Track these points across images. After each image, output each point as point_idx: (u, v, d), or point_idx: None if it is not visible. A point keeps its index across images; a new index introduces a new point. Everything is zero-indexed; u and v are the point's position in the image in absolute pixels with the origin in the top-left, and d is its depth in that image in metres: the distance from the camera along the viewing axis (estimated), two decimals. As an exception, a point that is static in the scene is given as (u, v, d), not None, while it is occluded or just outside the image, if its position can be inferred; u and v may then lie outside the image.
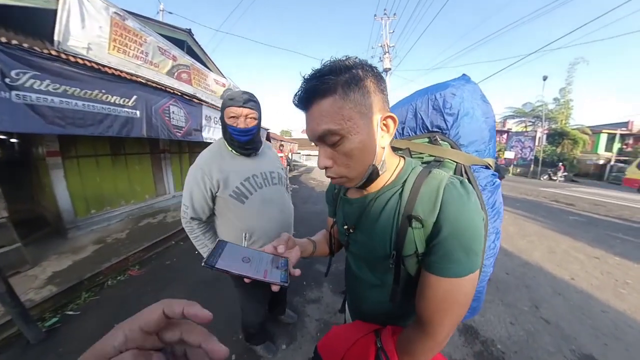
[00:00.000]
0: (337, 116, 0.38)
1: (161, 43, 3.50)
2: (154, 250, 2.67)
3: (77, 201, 2.91)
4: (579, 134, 14.98)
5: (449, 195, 0.39)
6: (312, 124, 0.40)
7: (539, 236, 3.55)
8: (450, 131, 0.58)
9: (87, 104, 2.19)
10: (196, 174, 0.91)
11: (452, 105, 0.58)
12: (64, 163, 2.75)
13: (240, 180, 0.95)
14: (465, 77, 0.64)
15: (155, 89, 2.93)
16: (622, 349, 1.49)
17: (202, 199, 0.93)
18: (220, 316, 1.63)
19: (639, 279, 2.39)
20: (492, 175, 0.61)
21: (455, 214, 0.38)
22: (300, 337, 1.51)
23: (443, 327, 0.40)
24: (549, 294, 2.08)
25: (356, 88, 0.38)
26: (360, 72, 0.38)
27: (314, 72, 0.39)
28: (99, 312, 1.73)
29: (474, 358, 1.38)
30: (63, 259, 2.27)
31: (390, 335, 0.48)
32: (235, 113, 0.88)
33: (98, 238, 2.81)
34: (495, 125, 0.65)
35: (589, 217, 4.84)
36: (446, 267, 0.38)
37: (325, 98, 0.38)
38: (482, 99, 0.62)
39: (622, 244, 3.32)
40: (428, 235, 0.40)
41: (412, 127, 0.65)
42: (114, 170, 3.43)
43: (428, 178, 0.42)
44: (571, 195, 7.57)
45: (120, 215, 3.46)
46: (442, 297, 0.39)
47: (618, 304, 1.97)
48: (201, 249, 1.00)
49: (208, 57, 5.97)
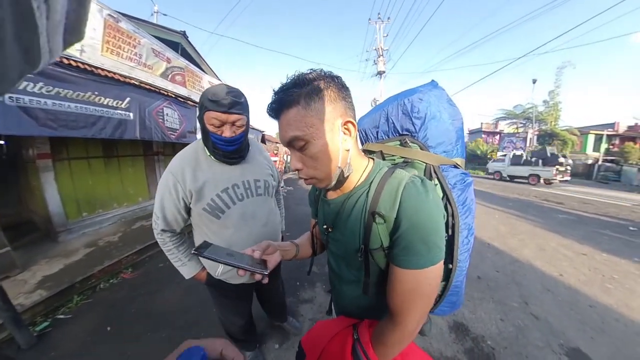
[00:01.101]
0: (301, 124, 0.42)
1: (155, 45, 3.50)
2: (147, 252, 2.65)
3: (69, 204, 2.87)
4: (568, 135, 15.44)
5: (407, 192, 0.42)
6: (281, 131, 0.45)
7: (530, 234, 3.63)
8: (418, 134, 0.63)
9: (80, 106, 2.17)
10: (168, 181, 0.80)
11: (419, 110, 0.62)
12: (55, 165, 2.71)
13: (217, 192, 0.82)
14: (433, 83, 0.69)
15: (149, 91, 2.92)
16: (608, 342, 1.54)
17: (174, 209, 0.81)
18: (214, 318, 1.63)
19: (625, 275, 2.46)
20: (463, 174, 0.64)
21: (413, 209, 0.41)
22: (293, 337, 1.51)
23: (411, 317, 0.43)
24: (539, 291, 2.13)
25: (317, 98, 0.42)
26: (322, 83, 0.42)
27: (281, 86, 0.44)
28: (91, 315, 1.71)
29: (464, 354, 1.41)
30: (54, 263, 2.23)
31: (367, 327, 0.50)
32: (220, 119, 0.73)
33: (90, 241, 2.77)
34: (463, 127, 0.70)
35: (578, 215, 4.96)
36: (407, 260, 0.41)
37: (291, 108, 0.42)
38: (449, 102, 0.66)
39: (609, 241, 3.42)
40: (390, 230, 0.44)
41: (385, 131, 0.69)
42: (107, 172, 3.39)
43: (391, 178, 0.46)
44: (561, 194, 7.76)
45: (113, 218, 3.41)
46: (408, 289, 0.42)
47: (605, 299, 2.02)
48: (175, 263, 0.90)
49: (202, 59, 5.97)
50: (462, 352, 1.42)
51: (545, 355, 1.42)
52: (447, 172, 0.62)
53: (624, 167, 13.69)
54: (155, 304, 1.83)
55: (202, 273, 0.95)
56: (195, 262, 0.93)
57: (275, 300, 1.37)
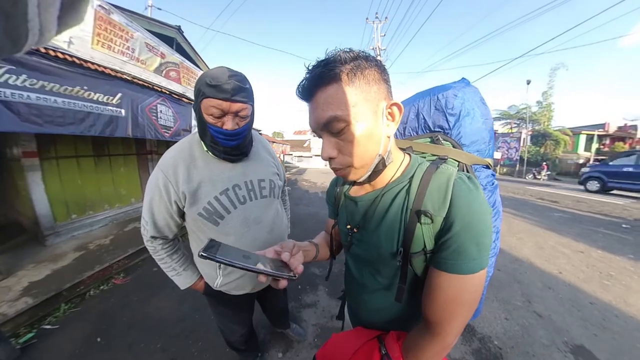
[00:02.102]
0: (343, 102, 0.37)
1: (149, 39, 3.38)
2: (140, 256, 2.54)
3: (57, 205, 2.74)
4: (561, 135, 15.81)
5: (458, 189, 0.38)
6: (317, 111, 0.39)
7: (528, 233, 3.67)
8: (452, 131, 0.60)
9: (68, 101, 2.06)
10: (157, 180, 0.69)
11: (454, 106, 0.59)
12: (42, 164, 2.58)
13: (215, 194, 0.71)
14: (465, 80, 0.66)
15: (142, 86, 2.81)
16: (610, 338, 1.55)
17: (165, 214, 0.71)
18: (212, 326, 1.56)
19: (620, 271, 2.50)
20: (492, 176, 0.62)
21: (466, 208, 0.37)
22: (297, 344, 1.46)
23: (453, 328, 0.38)
24: (540, 289, 2.13)
25: (361, 76, 0.37)
26: (364, 61, 0.38)
27: (319, 60, 0.38)
28: (79, 325, 1.60)
29: (472, 356, 1.38)
30: (40, 268, 2.12)
31: (395, 340, 0.46)
32: (221, 108, 0.61)
33: (79, 245, 2.65)
34: (493, 127, 0.67)
35: (573, 214, 5.05)
36: (458, 264, 0.36)
37: (331, 85, 0.37)
38: (482, 101, 0.64)
39: (604, 238, 3.48)
40: (437, 231, 0.39)
41: (414, 128, 0.65)
42: (97, 172, 3.25)
43: (436, 173, 0.41)
44: (555, 193, 7.91)
45: (104, 220, 3.29)
46: (453, 296, 0.37)
47: (604, 295, 2.04)
48: (169, 273, 0.80)
49: (198, 56, 5.84)
50: (469, 354, 1.40)
51: (551, 354, 1.42)
52: (479, 173, 0.59)
53: (614, 166, 14.15)
54: (149, 311, 1.74)
55: (199, 283, 0.86)
56: (192, 270, 0.85)
57: (279, 306, 1.28)
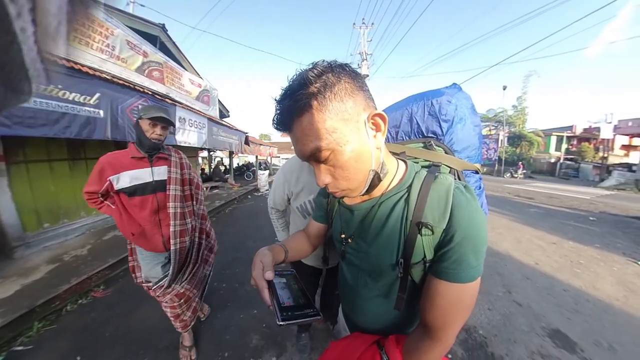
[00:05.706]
0: (321, 132, 0.35)
1: (130, 37, 3.25)
2: (121, 266, 2.39)
3: (26, 214, 2.53)
4: (534, 137, 17.11)
5: (458, 200, 0.39)
6: (298, 145, 0.38)
7: (507, 228, 3.89)
8: (445, 137, 0.61)
9: (39, 101, 1.92)
10: (280, 177, 1.02)
11: (447, 112, 0.60)
12: (9, 169, 2.39)
13: (310, 198, 0.96)
14: (456, 86, 0.68)
15: (122, 86, 2.69)
16: (582, 321, 1.69)
17: (280, 197, 1.05)
18: (203, 336, 1.51)
19: (589, 259, 2.72)
20: (480, 180, 0.66)
21: (466, 220, 0.37)
22: (291, 347, 1.43)
23: (452, 332, 0.40)
24: (519, 279, 2.27)
25: (332, 95, 0.34)
26: (331, 76, 0.35)
27: (284, 90, 0.37)
28: (56, 344, 1.47)
29: (459, 346, 1.44)
30: (8, 284, 1.93)
31: (395, 345, 0.46)
32: None
33: (53, 256, 2.45)
34: (482, 133, 0.70)
35: (546, 209, 5.44)
36: (458, 273, 0.37)
37: (304, 115, 0.35)
38: (472, 108, 0.66)
39: (574, 230, 3.79)
40: (438, 242, 0.39)
41: (407, 132, 0.66)
42: (73, 177, 3.05)
43: (435, 183, 0.41)
44: (530, 190, 8.45)
45: (80, 228, 3.08)
46: (453, 303, 0.38)
47: (575, 282, 2.22)
48: (275, 230, 1.18)
49: (183, 55, 5.68)
50: (457, 344, 1.45)
51: (531, 339, 1.51)
52: (469, 178, 0.62)
53: (582, 164, 15.44)
54: (134, 324, 1.63)
55: None
56: (287, 233, 1.16)
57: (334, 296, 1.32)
